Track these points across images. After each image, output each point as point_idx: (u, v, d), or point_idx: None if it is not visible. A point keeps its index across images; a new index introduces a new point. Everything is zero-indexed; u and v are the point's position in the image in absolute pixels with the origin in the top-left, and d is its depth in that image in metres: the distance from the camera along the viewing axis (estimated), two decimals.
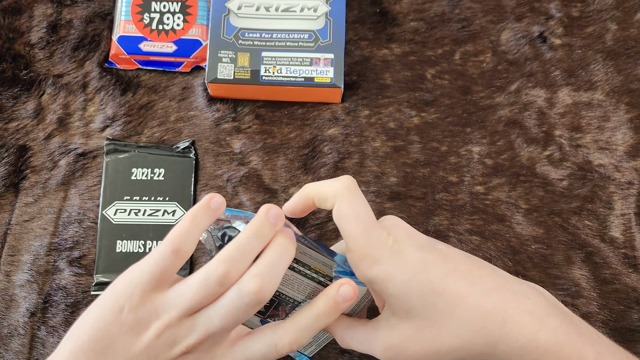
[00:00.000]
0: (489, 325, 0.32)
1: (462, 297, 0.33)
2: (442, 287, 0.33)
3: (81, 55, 0.56)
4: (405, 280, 0.33)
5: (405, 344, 0.34)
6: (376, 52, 0.56)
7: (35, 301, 0.49)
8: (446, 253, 0.35)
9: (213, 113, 0.54)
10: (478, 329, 0.32)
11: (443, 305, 0.33)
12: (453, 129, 0.54)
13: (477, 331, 0.33)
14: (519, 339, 0.32)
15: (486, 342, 0.33)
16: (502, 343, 0.33)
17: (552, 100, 0.55)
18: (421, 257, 0.33)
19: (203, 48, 0.55)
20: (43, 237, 0.51)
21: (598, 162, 0.53)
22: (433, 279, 0.33)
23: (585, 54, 0.56)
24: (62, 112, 0.55)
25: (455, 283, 0.33)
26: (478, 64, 0.56)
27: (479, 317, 0.32)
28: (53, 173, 0.53)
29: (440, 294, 0.33)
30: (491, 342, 0.33)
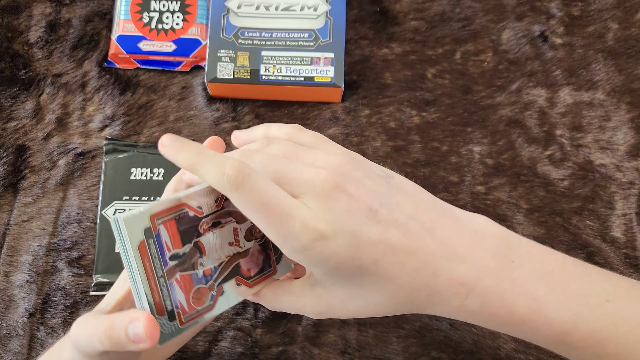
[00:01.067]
0: (415, 299, 0.32)
1: (392, 278, 0.31)
2: (371, 271, 0.31)
3: (80, 54, 0.56)
4: (331, 266, 0.31)
5: (333, 309, 0.33)
6: (376, 51, 0.56)
7: (34, 302, 0.49)
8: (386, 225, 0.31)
9: (213, 112, 0.54)
10: (405, 301, 0.32)
11: (370, 283, 0.32)
12: (454, 129, 0.54)
13: (404, 303, 0.32)
14: (445, 306, 0.32)
15: (411, 309, 0.33)
16: (427, 309, 0.33)
17: (553, 99, 0.55)
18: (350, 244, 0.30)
19: (202, 47, 0.55)
20: (42, 238, 0.51)
21: (599, 161, 0.53)
22: (363, 264, 0.31)
23: (586, 54, 0.56)
24: (61, 111, 0.54)
25: (386, 266, 0.31)
26: (479, 63, 0.56)
27: (406, 294, 0.32)
28: (52, 173, 0.53)
29: (369, 276, 0.31)
30: (415, 309, 0.33)
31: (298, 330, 0.48)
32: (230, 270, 0.35)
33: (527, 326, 0.32)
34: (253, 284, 0.36)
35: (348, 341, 0.48)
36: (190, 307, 0.33)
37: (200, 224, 0.33)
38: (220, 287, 0.34)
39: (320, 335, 0.48)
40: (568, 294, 0.32)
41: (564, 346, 0.32)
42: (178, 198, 0.32)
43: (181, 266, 0.32)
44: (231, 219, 0.35)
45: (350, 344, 0.48)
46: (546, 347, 0.33)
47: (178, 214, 0.32)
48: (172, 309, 0.32)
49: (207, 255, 0.34)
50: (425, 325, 0.49)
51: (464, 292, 0.32)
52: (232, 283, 0.35)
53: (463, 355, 0.48)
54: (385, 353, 0.48)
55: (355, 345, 0.48)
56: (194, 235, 0.33)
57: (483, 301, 0.32)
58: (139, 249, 0.30)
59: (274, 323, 0.49)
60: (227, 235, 0.35)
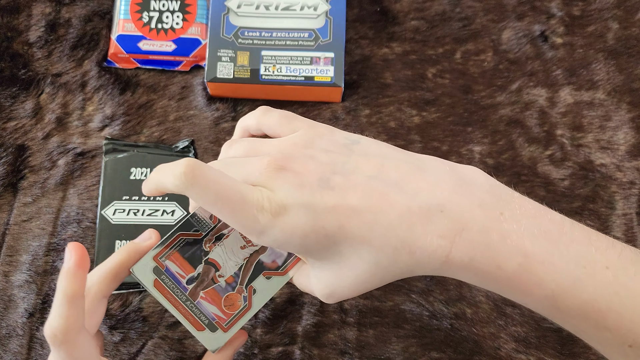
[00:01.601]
0: (399, 260, 0.31)
1: (365, 240, 0.31)
2: (341, 237, 0.31)
3: (80, 54, 0.56)
4: (300, 241, 0.31)
5: (334, 287, 0.33)
6: (377, 51, 0.56)
7: (34, 302, 0.49)
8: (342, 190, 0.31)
9: (212, 112, 0.54)
10: (390, 264, 0.31)
11: (348, 251, 0.31)
12: (454, 129, 0.54)
13: (390, 266, 0.31)
14: (431, 263, 0.30)
15: (402, 271, 0.31)
16: (417, 268, 0.31)
17: (554, 99, 0.55)
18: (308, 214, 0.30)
19: (202, 47, 0.55)
20: (42, 237, 0.51)
21: (600, 161, 0.53)
22: (329, 232, 0.31)
23: (586, 53, 0.56)
24: (60, 111, 0.54)
25: (353, 229, 0.30)
26: (479, 63, 0.56)
27: (387, 255, 0.31)
28: (52, 173, 0.53)
29: (341, 243, 0.31)
30: (407, 270, 0.31)
31: (298, 330, 0.48)
32: (254, 270, 0.37)
33: (516, 285, 0.30)
34: (284, 271, 0.38)
35: (348, 341, 0.48)
36: (226, 314, 0.37)
37: (204, 244, 0.37)
38: (250, 287, 0.37)
39: (320, 335, 0.48)
40: (564, 256, 0.29)
41: (558, 312, 0.30)
42: (172, 233, 0.37)
43: (201, 285, 0.37)
44: None
45: (350, 344, 0.48)
46: (538, 312, 0.31)
47: (179, 245, 0.37)
48: (209, 321, 0.37)
49: (223, 266, 0.37)
50: (425, 325, 0.49)
51: (447, 245, 0.30)
52: (261, 279, 0.38)
53: (463, 355, 0.48)
54: (385, 353, 0.48)
55: (355, 345, 0.48)
56: (201, 256, 0.37)
57: (469, 255, 0.30)
58: (155, 286, 0.36)
59: (273, 323, 0.49)
60: (236, 241, 0.37)
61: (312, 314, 0.49)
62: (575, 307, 0.29)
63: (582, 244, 0.30)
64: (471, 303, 0.49)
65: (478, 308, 0.49)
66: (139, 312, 0.49)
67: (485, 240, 0.30)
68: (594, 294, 0.29)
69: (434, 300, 0.49)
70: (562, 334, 0.49)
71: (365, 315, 0.49)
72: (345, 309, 0.49)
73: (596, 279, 0.29)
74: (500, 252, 0.30)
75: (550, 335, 0.49)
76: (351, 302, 0.49)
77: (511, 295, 0.31)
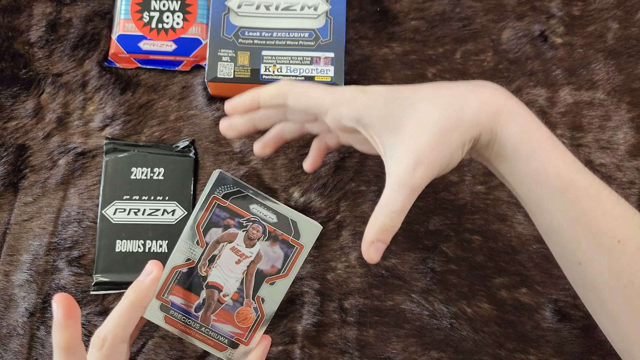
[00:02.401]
0: (481, 113, 0.36)
1: (429, 85, 0.38)
2: (418, 97, 0.37)
3: (80, 54, 0.56)
4: (383, 103, 0.37)
5: (417, 151, 0.36)
6: (377, 51, 0.56)
7: (35, 301, 0.49)
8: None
9: (213, 112, 0.54)
10: (456, 108, 0.36)
11: (424, 110, 0.36)
12: None
13: (458, 111, 0.36)
14: (481, 120, 0.36)
15: (462, 133, 0.36)
16: (471, 127, 0.36)
17: (553, 99, 0.55)
18: (386, 87, 0.38)
19: (203, 47, 0.55)
20: (42, 237, 0.51)
21: (599, 161, 0.53)
22: (405, 95, 0.37)
23: (586, 53, 0.56)
24: (61, 111, 0.54)
25: (428, 89, 0.37)
26: (479, 63, 0.56)
27: (449, 97, 0.37)
28: (52, 172, 0.53)
29: (419, 102, 0.36)
30: (466, 130, 0.36)
31: (298, 330, 0.49)
32: (256, 280, 0.38)
33: (533, 167, 0.36)
34: (286, 272, 0.38)
35: (348, 341, 0.48)
36: (242, 329, 0.38)
37: (200, 270, 0.38)
38: (258, 297, 0.38)
39: (320, 335, 0.48)
40: (569, 157, 0.36)
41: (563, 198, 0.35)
42: (167, 269, 0.38)
43: (209, 309, 0.38)
44: (222, 245, 0.38)
45: (350, 343, 0.48)
46: (543, 197, 0.36)
47: (176, 278, 0.38)
48: (228, 340, 0.38)
49: (225, 285, 0.38)
50: (425, 325, 0.49)
51: (495, 109, 0.36)
52: (266, 287, 0.38)
53: (463, 355, 0.48)
54: (385, 352, 0.48)
55: (356, 345, 0.48)
56: (201, 282, 0.38)
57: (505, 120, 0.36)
58: (168, 322, 0.38)
59: (274, 322, 0.49)
60: (229, 258, 0.38)
61: (312, 314, 0.49)
62: (583, 188, 0.35)
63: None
64: (471, 303, 0.49)
65: (478, 308, 0.49)
66: None
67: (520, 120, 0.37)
68: (593, 182, 0.36)
69: (434, 300, 0.49)
70: (561, 334, 0.49)
71: (365, 315, 0.49)
72: (346, 309, 0.49)
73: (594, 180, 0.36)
74: (526, 134, 0.36)
75: (550, 335, 0.49)
76: (351, 302, 0.49)
77: (524, 173, 0.37)
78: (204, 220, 0.37)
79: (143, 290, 0.37)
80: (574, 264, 0.36)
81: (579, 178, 0.35)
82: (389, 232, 0.36)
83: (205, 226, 0.37)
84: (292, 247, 0.38)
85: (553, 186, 0.35)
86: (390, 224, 0.36)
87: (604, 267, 0.35)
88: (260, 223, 0.38)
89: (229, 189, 0.37)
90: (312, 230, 0.38)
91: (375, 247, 0.36)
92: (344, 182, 0.52)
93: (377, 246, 0.36)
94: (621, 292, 0.34)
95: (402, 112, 0.36)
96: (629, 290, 0.34)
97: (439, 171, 0.36)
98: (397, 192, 0.36)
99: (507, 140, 0.36)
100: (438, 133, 0.35)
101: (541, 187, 0.36)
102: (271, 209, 0.38)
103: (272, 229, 0.38)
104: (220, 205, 0.38)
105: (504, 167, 0.37)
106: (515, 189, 0.38)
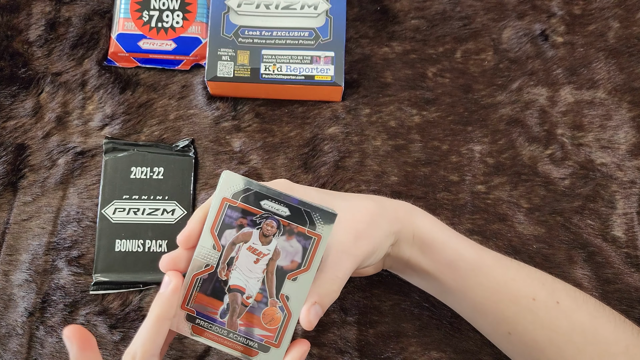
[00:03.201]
0: (399, 210, 0.42)
1: (362, 197, 0.43)
2: (344, 194, 0.42)
3: (80, 53, 0.56)
4: (316, 193, 0.40)
5: (360, 234, 0.39)
6: (377, 50, 0.56)
7: (34, 301, 0.49)
8: None
9: (213, 111, 0.54)
10: (393, 209, 0.41)
11: (354, 199, 0.41)
12: (454, 128, 0.54)
13: (393, 211, 0.41)
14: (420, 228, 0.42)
15: (406, 222, 0.41)
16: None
17: (554, 98, 0.54)
18: (315, 188, 0.41)
19: (203, 46, 0.55)
20: (41, 237, 0.51)
21: (600, 160, 0.53)
22: (333, 194, 0.41)
23: (587, 52, 0.56)
24: (60, 110, 0.54)
25: (348, 194, 0.43)
26: (479, 62, 0.56)
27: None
28: (51, 172, 0.52)
29: (347, 196, 0.42)
30: (408, 220, 0.42)
31: (297, 330, 0.48)
32: (277, 278, 0.37)
33: (449, 254, 0.41)
34: (307, 266, 0.37)
35: (348, 341, 0.48)
36: (270, 330, 0.37)
37: (220, 274, 0.37)
38: (282, 295, 0.37)
39: (320, 335, 0.48)
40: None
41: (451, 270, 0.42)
42: (188, 277, 0.37)
43: (234, 314, 0.37)
44: (238, 246, 0.37)
45: (350, 343, 0.48)
46: (464, 277, 0.41)
47: (197, 286, 0.37)
48: (258, 344, 0.37)
49: (247, 287, 0.37)
50: (426, 325, 0.48)
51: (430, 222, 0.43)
52: (289, 283, 0.37)
53: (463, 354, 0.48)
54: (385, 353, 0.48)
55: (356, 345, 0.48)
56: (222, 287, 0.37)
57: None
58: (195, 332, 0.37)
59: None
60: (247, 259, 0.37)
61: None
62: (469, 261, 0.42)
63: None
64: None
65: None
66: (139, 311, 0.49)
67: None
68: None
69: (434, 300, 0.49)
70: None
71: (365, 315, 0.49)
72: (346, 308, 0.49)
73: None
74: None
75: None
76: (351, 302, 0.49)
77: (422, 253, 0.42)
78: (217, 223, 0.37)
79: (166, 301, 0.36)
80: (504, 334, 0.41)
81: (485, 255, 0.42)
82: (330, 297, 0.37)
83: (219, 229, 0.36)
84: (309, 238, 0.37)
85: (469, 266, 0.41)
86: (333, 288, 0.37)
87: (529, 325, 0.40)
88: (274, 218, 0.37)
89: (238, 188, 0.36)
90: (327, 218, 0.37)
91: (315, 310, 0.36)
92: (344, 181, 0.52)
93: (317, 309, 0.36)
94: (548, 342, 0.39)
95: (334, 201, 0.39)
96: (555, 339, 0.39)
97: (371, 251, 0.39)
98: (341, 259, 0.37)
99: (425, 233, 0.42)
100: (370, 216, 0.39)
101: (460, 271, 0.41)
102: (282, 202, 0.36)
103: (287, 223, 0.37)
104: (231, 205, 0.37)
105: (426, 258, 0.42)
106: (439, 276, 0.42)
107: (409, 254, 0.42)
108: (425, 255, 0.42)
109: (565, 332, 0.39)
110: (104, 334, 0.48)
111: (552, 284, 0.42)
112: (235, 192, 0.36)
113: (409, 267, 0.44)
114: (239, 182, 0.36)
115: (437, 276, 0.42)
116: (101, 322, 0.48)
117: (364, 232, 0.38)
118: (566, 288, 0.42)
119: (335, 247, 0.37)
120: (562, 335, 0.39)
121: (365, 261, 0.39)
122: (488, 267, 0.41)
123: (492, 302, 0.41)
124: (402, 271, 0.46)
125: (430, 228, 0.42)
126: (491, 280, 0.41)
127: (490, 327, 0.43)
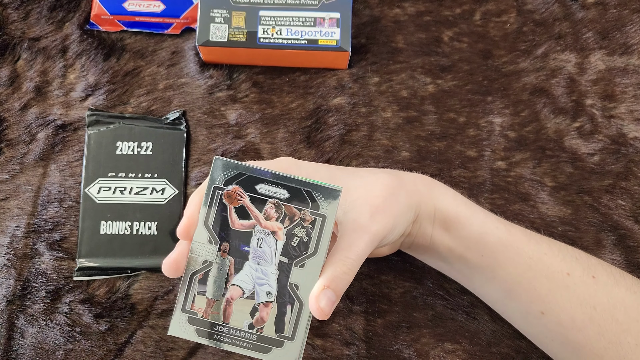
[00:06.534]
0: (418, 182, 0.41)
1: (377, 170, 0.42)
2: (357, 169, 0.41)
3: (59, 16, 0.54)
4: (326, 170, 0.39)
5: (377, 208, 0.37)
6: (387, 11, 0.54)
7: (13, 288, 0.47)
8: None
9: (206, 80, 0.52)
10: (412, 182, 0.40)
11: (367, 175, 0.40)
12: (472, 98, 0.52)
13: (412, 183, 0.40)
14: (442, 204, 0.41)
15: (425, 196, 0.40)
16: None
17: (583, 65, 0.52)
18: (325, 165, 0.40)
19: (194, 7, 0.53)
20: (20, 218, 0.49)
21: (633, 134, 0.50)
22: (344, 169, 0.40)
23: (620, 14, 0.53)
24: (39, 79, 0.52)
25: (361, 169, 0.42)
26: (501, 25, 0.53)
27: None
28: (30, 147, 0.51)
29: (361, 171, 0.40)
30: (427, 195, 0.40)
31: None
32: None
33: (476, 230, 0.40)
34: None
35: (354, 332, 0.46)
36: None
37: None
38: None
39: (324, 325, 0.47)
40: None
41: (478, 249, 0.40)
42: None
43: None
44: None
45: (356, 334, 0.46)
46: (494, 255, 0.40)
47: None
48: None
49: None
50: (439, 315, 0.47)
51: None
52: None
53: (480, 346, 0.46)
54: (395, 344, 0.46)
55: (362, 336, 0.46)
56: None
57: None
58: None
59: None
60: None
61: None
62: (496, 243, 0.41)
63: None
64: None
65: None
66: (127, 299, 0.47)
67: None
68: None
69: (449, 287, 0.47)
70: None
71: (373, 303, 0.47)
72: (352, 296, 0.47)
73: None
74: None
75: None
76: (358, 289, 0.47)
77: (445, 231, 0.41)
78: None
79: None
80: (536, 315, 0.40)
81: (515, 230, 0.41)
82: (342, 280, 0.34)
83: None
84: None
85: (499, 241, 0.40)
86: (344, 270, 0.34)
87: (565, 302, 0.39)
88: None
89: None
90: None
91: (327, 296, 0.33)
92: (350, 157, 0.50)
93: (328, 294, 0.33)
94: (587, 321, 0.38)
95: (346, 177, 0.38)
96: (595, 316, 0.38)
97: (390, 227, 0.37)
98: (354, 237, 0.35)
99: (448, 208, 0.40)
100: (387, 190, 0.38)
101: (489, 247, 0.40)
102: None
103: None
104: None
105: (450, 235, 0.40)
106: (465, 254, 0.40)
107: (431, 231, 0.41)
108: (449, 231, 0.40)
109: (605, 309, 0.38)
110: (89, 323, 0.46)
111: (586, 259, 0.40)
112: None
113: (430, 247, 0.42)
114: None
115: (462, 254, 0.40)
116: (86, 310, 0.47)
117: (381, 207, 0.37)
118: (601, 263, 0.41)
119: (349, 225, 0.36)
120: (603, 312, 0.38)
121: (385, 239, 0.37)
122: (519, 241, 0.40)
123: (525, 279, 0.39)
124: (423, 252, 0.43)
125: (453, 202, 0.41)
126: (523, 255, 0.40)
127: (521, 309, 0.41)
